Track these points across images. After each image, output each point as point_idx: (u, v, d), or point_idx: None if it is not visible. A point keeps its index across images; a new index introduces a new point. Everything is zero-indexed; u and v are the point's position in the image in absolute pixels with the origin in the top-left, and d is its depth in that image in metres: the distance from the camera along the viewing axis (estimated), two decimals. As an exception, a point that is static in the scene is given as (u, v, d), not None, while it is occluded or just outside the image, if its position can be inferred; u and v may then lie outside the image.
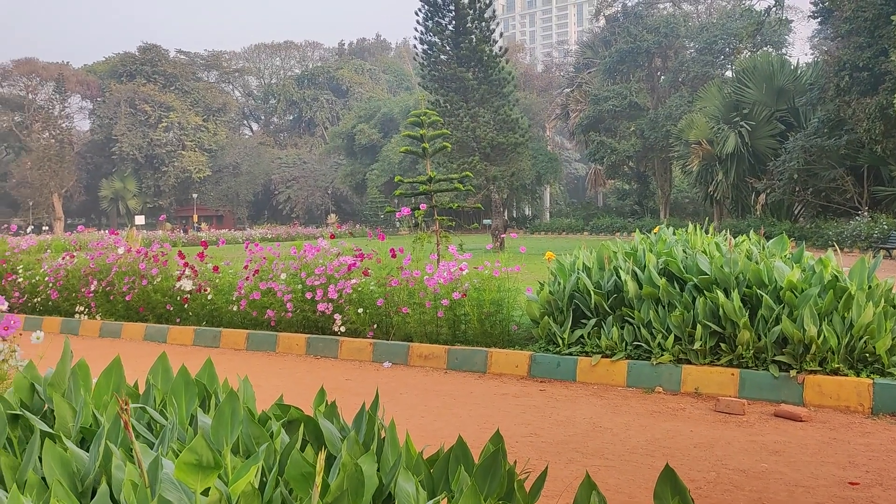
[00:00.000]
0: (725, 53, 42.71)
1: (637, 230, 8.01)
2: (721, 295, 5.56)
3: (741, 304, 5.53)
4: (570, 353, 6.19)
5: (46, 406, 2.76)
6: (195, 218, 74.31)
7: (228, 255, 9.99)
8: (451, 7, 29.60)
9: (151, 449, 2.39)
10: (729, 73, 42.06)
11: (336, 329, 7.64)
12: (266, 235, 48.99)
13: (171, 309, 8.99)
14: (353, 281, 7.64)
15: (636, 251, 6.70)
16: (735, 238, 7.02)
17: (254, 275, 8.37)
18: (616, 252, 6.81)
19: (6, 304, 3.39)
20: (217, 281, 8.80)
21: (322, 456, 1.65)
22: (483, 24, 29.83)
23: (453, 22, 29.95)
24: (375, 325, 7.52)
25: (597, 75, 48.01)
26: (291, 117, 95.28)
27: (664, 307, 5.93)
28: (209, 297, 8.65)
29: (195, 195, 78.37)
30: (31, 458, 2.26)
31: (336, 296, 7.65)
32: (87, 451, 2.34)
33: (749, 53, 40.59)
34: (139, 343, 8.58)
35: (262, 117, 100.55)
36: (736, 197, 34.42)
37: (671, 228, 7.52)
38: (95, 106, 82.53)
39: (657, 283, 5.96)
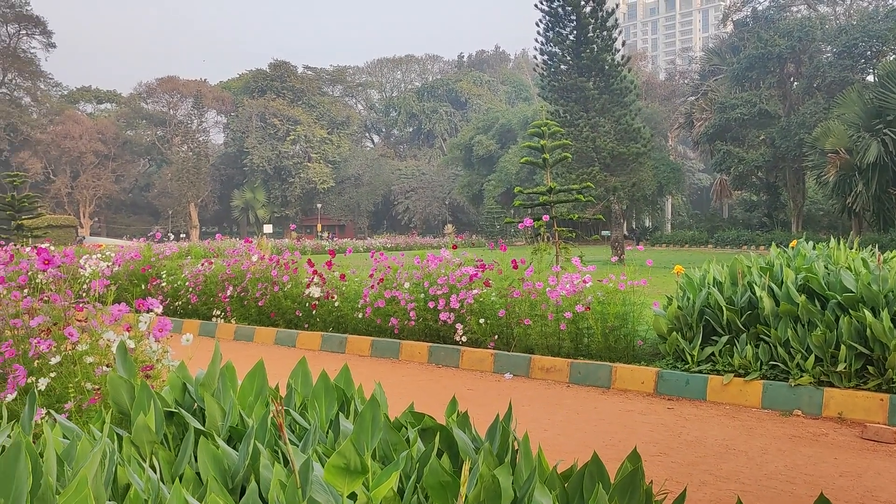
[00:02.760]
0: (867, 57, 40.07)
1: (773, 244, 7.62)
2: (868, 314, 5.20)
3: (892, 325, 5.15)
4: (700, 371, 5.96)
5: (196, 405, 2.92)
6: (319, 227, 77.21)
7: (353, 264, 10.29)
8: (573, 17, 29.36)
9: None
10: (870, 78, 39.43)
11: (457, 339, 7.70)
12: (386, 245, 50.16)
13: (300, 315, 9.34)
14: (475, 291, 7.68)
15: (772, 266, 6.38)
16: (882, 253, 6.55)
17: (378, 283, 8.58)
18: (750, 267, 6.51)
19: (160, 307, 3.62)
20: (343, 288, 9.08)
21: (467, 466, 1.67)
22: (605, 33, 29.41)
23: (574, 32, 29.68)
24: (496, 336, 7.52)
25: (723, 82, 46.21)
26: (411, 129, 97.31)
27: (803, 326, 5.61)
28: (336, 304, 8.93)
29: (319, 205, 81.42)
30: (186, 453, 2.40)
31: (458, 306, 7.71)
32: (235, 449, 2.46)
33: (894, 56, 37.92)
34: (270, 347, 8.97)
35: (383, 129, 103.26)
36: (877, 209, 32.14)
37: (811, 243, 7.10)
38: (229, 120, 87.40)
39: (796, 301, 5.65)
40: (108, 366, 3.52)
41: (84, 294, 6.46)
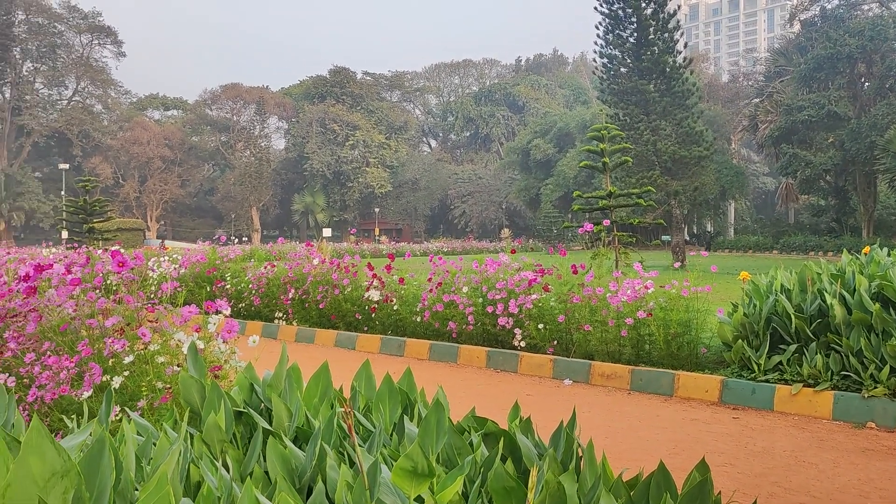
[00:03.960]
0: (943, 56, 38.45)
1: (844, 250, 7.37)
2: (948, 324, 4.99)
3: (973, 336, 4.92)
4: (767, 380, 5.80)
5: (263, 405, 2.98)
6: (377, 231, 77.97)
7: (412, 268, 10.36)
8: (633, 19, 28.95)
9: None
10: (947, 78, 37.83)
11: (516, 343, 7.67)
12: (442, 249, 50.34)
13: (360, 318, 9.45)
14: (534, 296, 7.64)
15: (844, 273, 6.17)
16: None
17: (437, 287, 8.61)
18: (820, 273, 6.31)
19: (228, 309, 3.71)
20: (402, 292, 9.15)
21: (535, 472, 1.66)
22: (666, 34, 28.92)
23: (635, 34, 29.27)
24: (555, 342, 7.47)
25: (790, 84, 44.92)
26: (468, 133, 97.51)
27: (877, 335, 5.41)
28: (395, 308, 9.00)
29: (377, 209, 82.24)
30: (255, 452, 2.45)
31: (516, 310, 7.68)
32: (301, 449, 2.50)
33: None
34: (330, 349, 9.09)
35: (441, 134, 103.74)
36: (955, 214, 30.78)
37: (885, 249, 6.85)
38: (290, 126, 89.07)
39: (870, 309, 5.45)
40: (178, 365, 3.62)
41: (153, 296, 6.68)
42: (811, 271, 6.33)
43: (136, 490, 1.68)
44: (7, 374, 4.12)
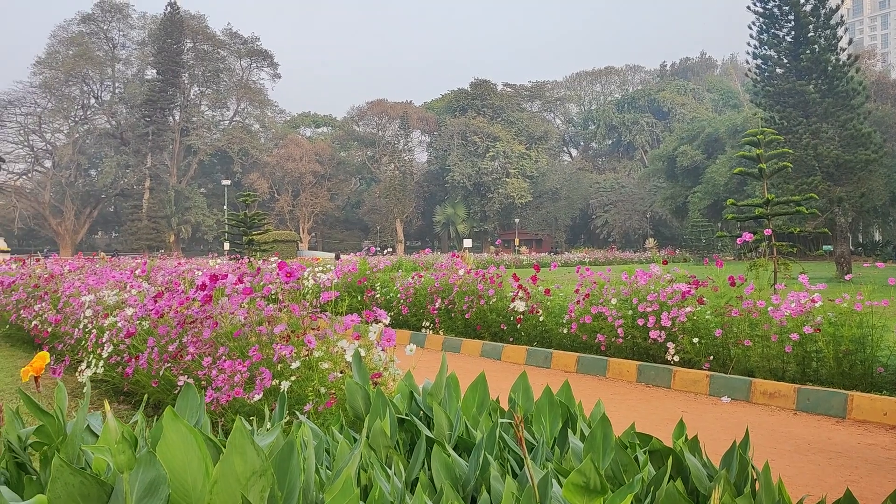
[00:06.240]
0: None
1: None
2: None
3: None
4: (958, 405, 5.26)
5: (422, 412, 3.04)
6: (517, 241, 78.07)
7: (557, 279, 10.26)
8: (790, 17, 27.35)
9: (518, 466, 2.51)
10: None
11: (668, 358, 7.40)
12: (584, 259, 49.59)
13: (505, 328, 9.46)
14: (688, 309, 7.35)
15: None
16: None
17: (584, 299, 8.48)
18: None
19: (387, 318, 3.82)
20: (548, 303, 9.07)
21: (716, 495, 1.58)
22: (827, 31, 27.10)
23: (792, 32, 27.65)
24: (711, 357, 7.14)
25: (972, 78, 40.80)
26: (610, 142, 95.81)
27: None
28: (540, 319, 8.94)
29: (517, 220, 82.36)
30: (419, 459, 2.49)
31: (669, 324, 7.42)
32: (460, 458, 2.52)
33: None
34: (476, 358, 9.16)
35: (582, 143, 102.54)
36: None
37: None
38: (432, 139, 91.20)
39: None
40: (340, 372, 3.76)
41: (312, 305, 6.97)
42: None
43: (320, 492, 1.75)
44: (186, 376, 4.45)
